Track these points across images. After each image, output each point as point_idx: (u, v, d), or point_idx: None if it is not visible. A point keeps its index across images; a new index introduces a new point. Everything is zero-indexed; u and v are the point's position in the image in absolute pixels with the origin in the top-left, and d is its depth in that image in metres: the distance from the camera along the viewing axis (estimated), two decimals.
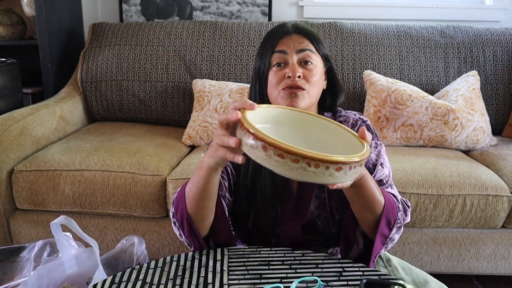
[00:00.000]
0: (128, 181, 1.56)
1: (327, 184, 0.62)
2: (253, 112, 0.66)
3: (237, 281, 0.76)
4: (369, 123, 0.99)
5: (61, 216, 1.01)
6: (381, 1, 2.40)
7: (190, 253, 0.86)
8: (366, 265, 0.82)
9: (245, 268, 0.81)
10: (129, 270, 0.81)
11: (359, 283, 0.72)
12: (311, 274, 0.79)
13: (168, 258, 0.85)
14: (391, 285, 0.74)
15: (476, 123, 1.79)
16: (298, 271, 0.80)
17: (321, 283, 0.74)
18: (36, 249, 1.19)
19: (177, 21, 2.25)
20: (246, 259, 0.84)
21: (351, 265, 0.82)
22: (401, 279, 0.92)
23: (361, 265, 0.82)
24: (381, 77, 1.90)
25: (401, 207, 0.87)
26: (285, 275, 0.78)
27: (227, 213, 0.90)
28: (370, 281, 0.71)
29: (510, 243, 1.57)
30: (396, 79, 1.97)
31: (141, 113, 2.15)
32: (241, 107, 0.66)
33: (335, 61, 2.06)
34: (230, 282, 0.76)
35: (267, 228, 0.96)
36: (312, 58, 0.93)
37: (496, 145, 1.86)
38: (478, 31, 2.10)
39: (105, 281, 0.77)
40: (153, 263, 0.83)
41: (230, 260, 0.84)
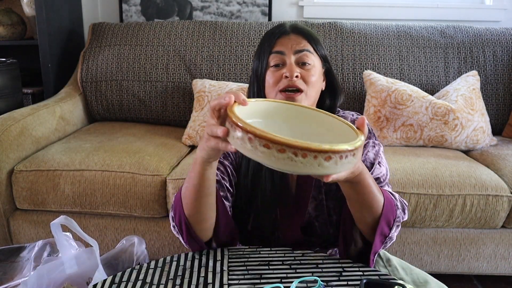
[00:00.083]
0: (128, 181, 1.56)
1: (318, 175, 0.59)
2: (244, 107, 0.65)
3: (237, 281, 0.76)
4: (367, 122, 0.98)
5: (61, 216, 1.01)
6: (381, 1, 2.40)
7: (190, 253, 0.86)
8: (366, 265, 0.82)
9: (245, 268, 0.81)
10: (129, 270, 0.81)
11: (359, 283, 0.72)
12: (311, 274, 0.78)
13: (168, 258, 0.85)
14: (391, 285, 0.74)
15: (476, 123, 1.79)
16: (298, 271, 0.80)
17: (321, 283, 0.74)
18: (36, 249, 1.19)
19: (177, 21, 2.25)
20: (246, 259, 0.84)
21: (351, 265, 0.82)
22: (401, 279, 0.92)
23: (361, 265, 0.82)
24: (381, 77, 1.90)
25: (399, 205, 0.87)
26: (285, 275, 0.78)
27: (230, 213, 0.89)
28: (370, 281, 0.71)
29: (510, 243, 1.57)
30: (396, 79, 1.97)
31: (141, 113, 2.15)
32: (225, 103, 0.64)
33: (335, 61, 2.06)
34: (230, 282, 0.76)
35: (267, 230, 0.96)
36: (310, 58, 0.92)
37: (496, 145, 1.86)
38: (478, 31, 2.10)
39: (105, 281, 0.77)
40: (153, 263, 0.83)
41: (230, 260, 0.84)
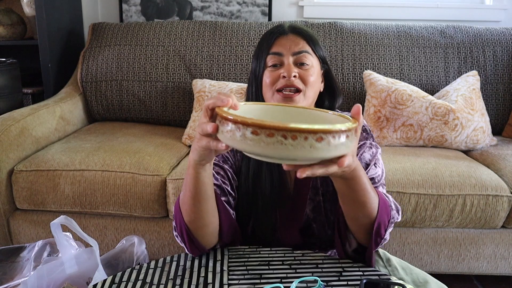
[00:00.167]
0: (128, 181, 1.56)
1: (312, 158, 0.57)
2: (236, 111, 0.64)
3: (237, 281, 0.76)
4: (365, 124, 0.97)
5: (61, 216, 1.01)
6: (381, 1, 2.40)
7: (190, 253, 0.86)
8: (366, 265, 0.82)
9: (245, 268, 0.81)
10: (129, 270, 0.81)
11: (359, 283, 0.72)
12: (311, 274, 0.79)
13: (168, 258, 0.85)
14: (391, 285, 0.74)
15: (476, 123, 1.79)
16: (298, 271, 0.80)
17: (321, 283, 0.74)
18: (36, 249, 1.19)
19: (177, 21, 2.25)
20: (246, 259, 0.84)
21: (351, 265, 0.82)
22: (401, 279, 0.92)
23: (361, 265, 0.82)
24: (381, 77, 1.90)
25: (393, 206, 0.87)
26: (285, 275, 0.78)
27: (233, 216, 0.89)
28: (370, 281, 0.71)
29: (510, 243, 1.57)
30: (396, 79, 1.97)
31: (141, 113, 2.15)
32: (222, 104, 0.62)
33: (335, 61, 2.06)
34: (230, 282, 0.76)
35: (267, 232, 0.95)
36: (308, 59, 0.92)
37: (496, 145, 1.86)
38: (478, 31, 2.10)
39: (105, 281, 0.77)
40: (153, 263, 0.83)
41: (230, 260, 0.84)
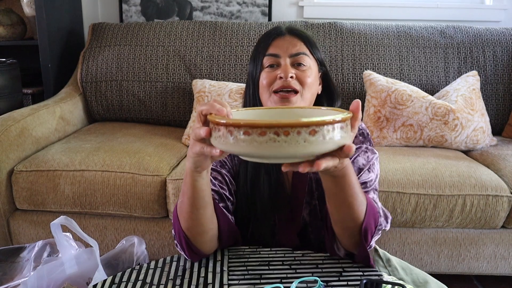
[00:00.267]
0: (128, 181, 1.56)
1: (309, 154, 0.55)
2: (232, 114, 0.63)
3: (237, 281, 0.76)
4: (364, 127, 0.95)
5: (61, 216, 1.01)
6: (381, 1, 2.40)
7: None
8: (366, 265, 0.82)
9: (245, 268, 0.81)
10: (129, 270, 0.81)
11: (359, 283, 0.72)
12: (311, 274, 0.78)
13: (168, 258, 0.85)
14: (391, 285, 0.73)
15: (476, 123, 1.79)
16: (298, 271, 0.80)
17: (321, 283, 0.74)
18: (36, 249, 1.19)
19: (177, 21, 2.25)
20: (246, 259, 0.84)
21: (351, 265, 0.82)
22: (401, 279, 0.92)
23: (361, 265, 0.82)
24: (381, 77, 1.90)
25: (381, 212, 0.84)
26: (285, 275, 0.78)
27: (232, 220, 0.88)
28: (370, 281, 0.71)
29: (510, 243, 1.57)
30: (396, 79, 1.97)
31: (141, 113, 2.15)
32: (215, 112, 0.61)
33: (335, 61, 2.06)
34: (230, 282, 0.76)
35: (266, 236, 0.95)
36: (305, 60, 0.91)
37: (496, 145, 1.86)
38: (478, 31, 2.10)
39: (105, 281, 0.77)
40: (153, 263, 0.83)
41: (230, 260, 0.84)
